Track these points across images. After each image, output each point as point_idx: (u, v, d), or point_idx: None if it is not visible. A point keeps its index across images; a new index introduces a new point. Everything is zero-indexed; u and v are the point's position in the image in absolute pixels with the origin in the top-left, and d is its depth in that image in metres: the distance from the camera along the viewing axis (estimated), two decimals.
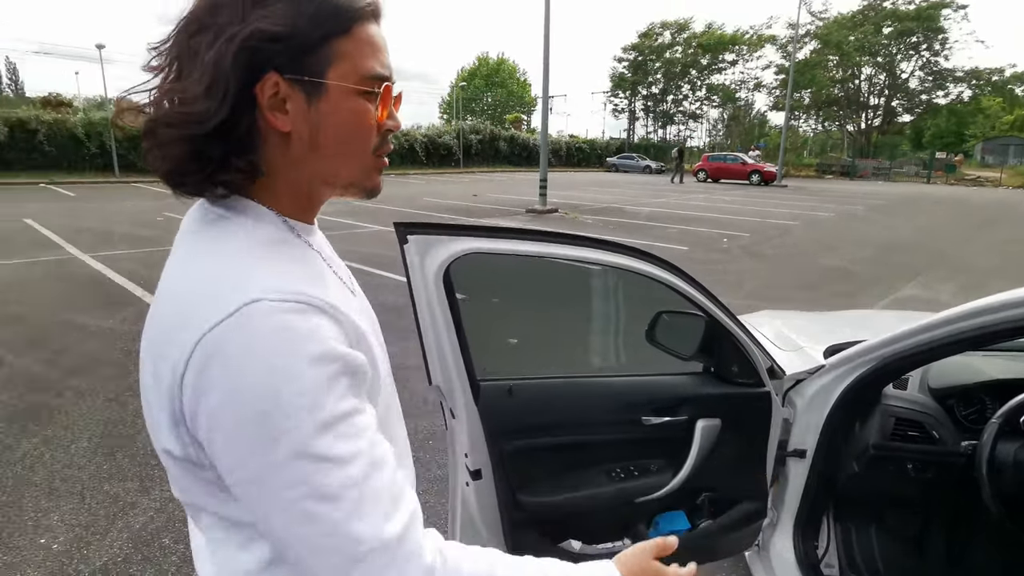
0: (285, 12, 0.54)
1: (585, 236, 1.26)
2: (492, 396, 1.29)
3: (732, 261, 7.87)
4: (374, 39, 0.60)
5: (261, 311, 0.51)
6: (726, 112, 52.43)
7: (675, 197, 18.19)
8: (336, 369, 0.52)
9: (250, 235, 0.58)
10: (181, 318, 0.52)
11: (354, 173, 0.63)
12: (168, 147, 0.55)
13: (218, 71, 0.53)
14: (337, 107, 0.58)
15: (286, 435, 0.49)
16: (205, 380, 0.50)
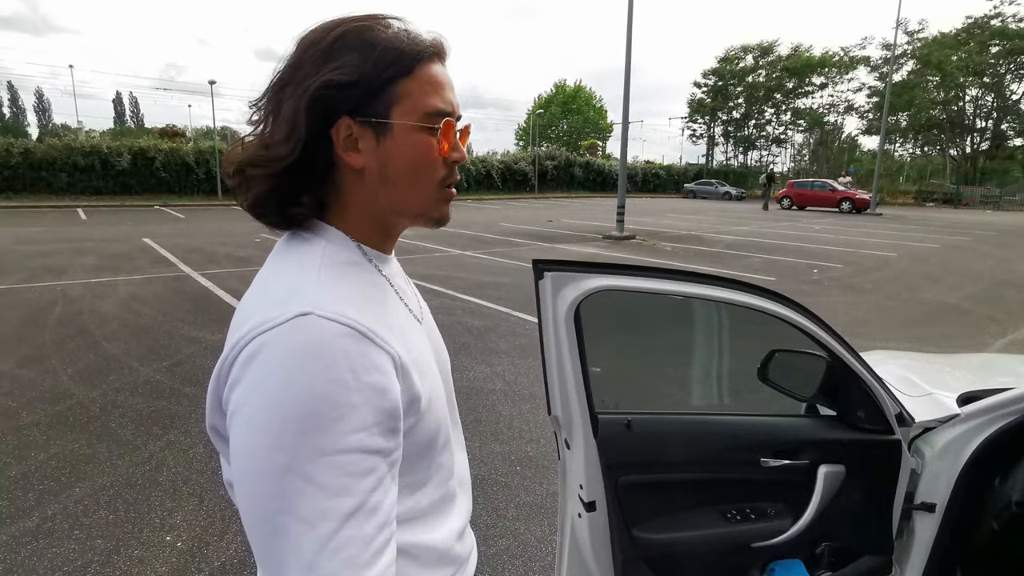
0: (351, 62, 0.60)
1: (713, 274, 1.26)
2: (610, 429, 1.30)
3: (823, 294, 7.48)
4: (436, 78, 0.65)
5: (308, 325, 0.54)
6: (813, 136, 50.23)
7: (758, 225, 17.54)
8: (360, 399, 0.53)
9: (323, 255, 0.64)
10: (246, 318, 0.58)
11: (422, 203, 0.67)
12: (252, 183, 0.63)
13: (295, 119, 0.60)
14: (402, 143, 0.64)
15: (286, 448, 0.51)
16: (243, 371, 0.54)
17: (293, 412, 0.51)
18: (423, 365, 0.65)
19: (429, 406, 0.65)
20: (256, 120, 0.65)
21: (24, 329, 5.11)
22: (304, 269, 0.62)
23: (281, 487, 0.51)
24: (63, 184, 20.55)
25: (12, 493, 2.63)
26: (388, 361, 0.57)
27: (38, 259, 8.64)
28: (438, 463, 0.70)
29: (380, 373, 0.56)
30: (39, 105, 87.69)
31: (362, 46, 0.61)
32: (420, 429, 0.64)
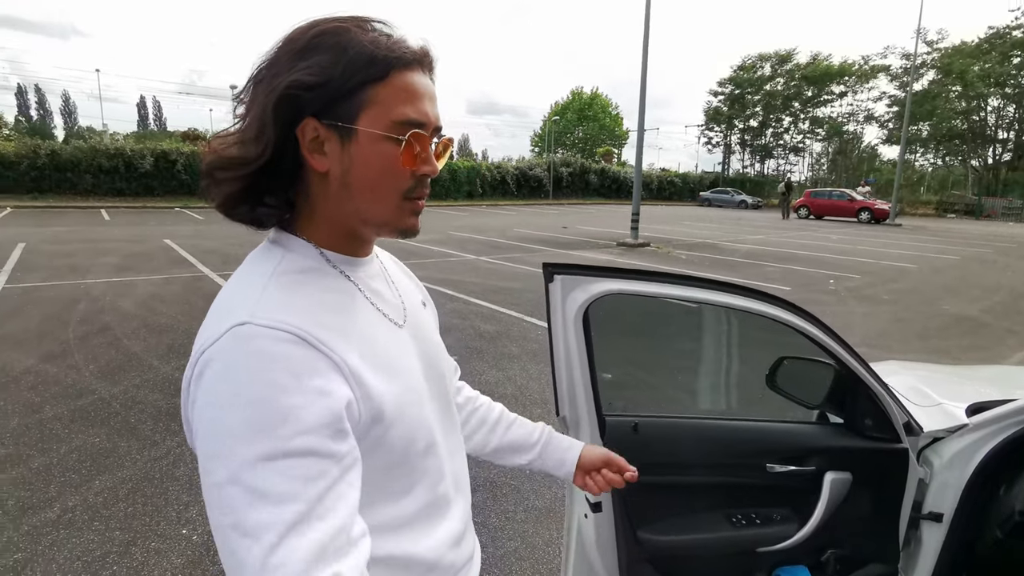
0: (321, 63, 0.59)
1: (722, 281, 1.28)
2: (618, 431, 1.32)
3: (839, 304, 7.41)
4: (412, 86, 0.62)
5: (244, 334, 0.54)
6: (831, 146, 49.78)
7: (774, 234, 17.41)
8: (301, 401, 0.52)
9: (278, 264, 0.63)
10: (198, 336, 0.59)
11: (384, 213, 0.65)
12: (222, 184, 0.63)
13: (263, 118, 0.60)
14: (367, 150, 0.62)
15: (228, 458, 0.50)
16: (196, 391, 0.55)
17: (234, 421, 0.51)
18: (391, 370, 0.64)
19: (401, 412, 0.64)
20: (241, 114, 0.64)
21: (48, 326, 5.24)
22: (253, 280, 0.61)
23: (227, 500, 0.50)
24: (88, 185, 20.98)
25: (34, 484, 2.71)
26: (331, 367, 0.56)
27: (62, 258, 8.84)
28: (422, 468, 0.68)
29: (322, 377, 0.55)
30: (65, 108, 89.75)
31: (336, 48, 0.60)
32: (393, 436, 0.63)
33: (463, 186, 29.29)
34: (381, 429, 0.61)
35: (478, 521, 2.55)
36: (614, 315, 1.47)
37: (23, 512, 2.49)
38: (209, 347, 0.55)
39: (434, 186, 17.52)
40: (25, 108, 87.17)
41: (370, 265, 0.73)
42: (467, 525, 0.80)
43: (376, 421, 0.61)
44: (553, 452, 1.00)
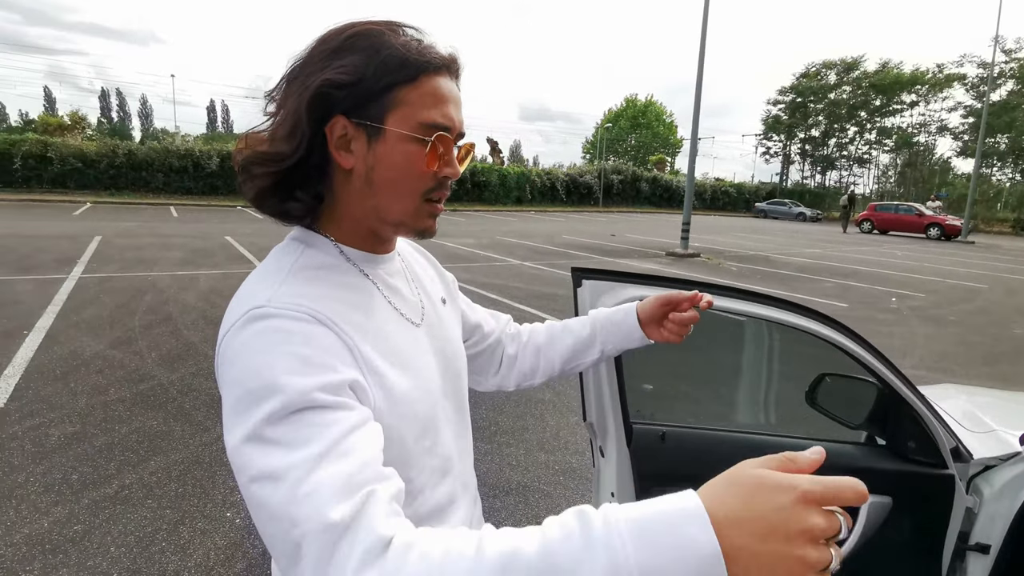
0: (355, 63, 0.61)
1: (754, 291, 1.26)
2: (645, 439, 1.31)
3: (901, 324, 7.05)
4: (440, 91, 0.64)
5: (261, 314, 0.57)
6: (900, 157, 47.45)
7: (833, 248, 16.73)
8: (318, 365, 0.54)
9: (297, 258, 0.65)
10: (223, 320, 0.61)
11: (402, 213, 0.67)
12: (255, 179, 0.65)
13: (297, 116, 0.61)
14: (391, 150, 0.63)
15: (246, 420, 0.52)
16: (220, 371, 0.58)
17: (251, 384, 0.53)
18: (404, 366, 0.66)
19: (411, 408, 0.65)
20: (271, 112, 0.66)
21: (118, 314, 5.58)
22: (273, 274, 0.64)
23: (246, 458, 0.51)
24: (159, 184, 22.24)
25: (96, 461, 2.89)
26: (344, 348, 0.58)
27: (133, 251, 9.40)
28: (429, 467, 0.69)
29: (335, 356, 0.57)
30: (143, 111, 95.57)
31: (369, 49, 0.62)
32: (401, 430, 0.64)
33: (512, 191, 29.45)
34: (395, 419, 0.62)
35: (508, 525, 2.55)
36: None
37: (85, 487, 2.67)
38: (228, 330, 0.58)
39: (483, 191, 17.77)
40: (107, 110, 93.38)
41: (390, 263, 0.74)
42: (472, 526, 0.79)
43: (391, 408, 0.62)
44: (615, 332, 0.97)
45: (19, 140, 20.80)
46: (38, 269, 7.48)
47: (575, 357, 0.99)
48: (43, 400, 3.56)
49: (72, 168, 20.87)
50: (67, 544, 2.27)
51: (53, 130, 23.74)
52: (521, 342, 1.01)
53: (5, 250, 8.76)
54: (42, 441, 3.05)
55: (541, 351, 0.99)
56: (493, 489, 2.82)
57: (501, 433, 3.44)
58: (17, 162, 20.08)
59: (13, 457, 2.88)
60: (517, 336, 1.02)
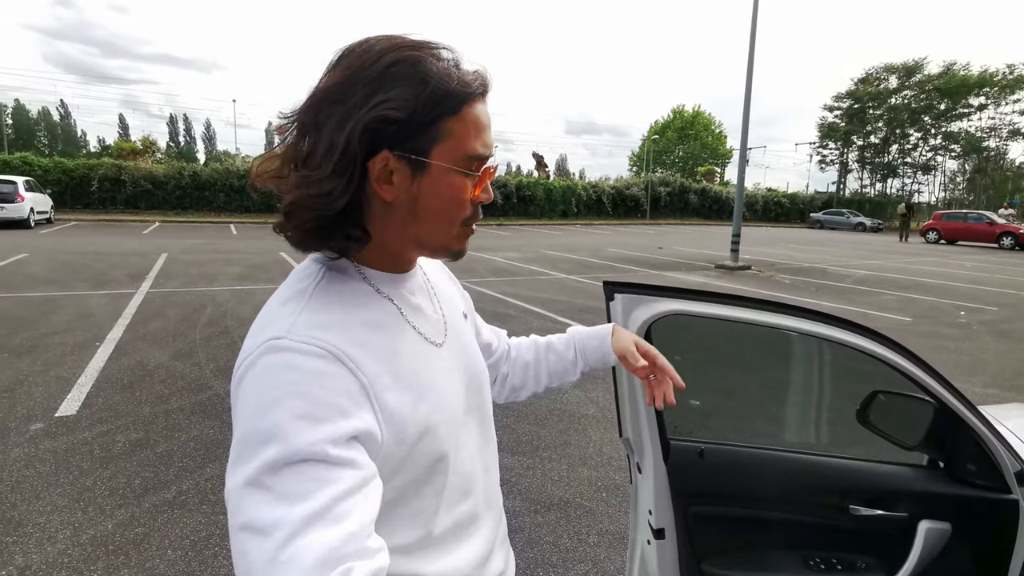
0: (404, 96, 0.58)
1: (793, 305, 1.22)
2: (682, 456, 1.28)
3: (970, 339, 6.64)
4: (480, 120, 0.64)
5: (279, 346, 0.56)
6: (968, 163, 44.93)
7: (895, 259, 15.94)
8: (326, 413, 0.53)
9: (317, 281, 0.64)
10: (243, 346, 0.60)
11: (444, 240, 0.67)
12: (302, 224, 0.62)
13: (345, 153, 0.58)
14: (437, 182, 0.62)
15: (248, 461, 0.51)
16: (233, 398, 0.57)
17: (257, 428, 0.52)
18: (423, 390, 0.64)
19: (428, 433, 0.64)
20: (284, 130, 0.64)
21: (180, 327, 5.88)
22: (291, 300, 0.62)
23: (241, 502, 0.50)
24: (221, 203, 23.40)
25: (157, 467, 3.04)
26: (358, 388, 0.57)
27: (196, 267, 9.89)
28: (451, 486, 0.68)
29: (347, 397, 0.56)
30: (206, 134, 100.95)
31: (414, 80, 0.59)
32: (418, 455, 0.63)
33: (558, 205, 29.47)
34: (405, 449, 0.61)
35: (549, 540, 2.53)
36: (703, 340, 1.43)
37: (146, 491, 2.81)
38: (246, 359, 0.58)
39: (529, 205, 17.89)
40: (175, 135, 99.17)
41: (411, 280, 0.72)
42: (496, 543, 0.78)
43: (399, 443, 0.61)
44: (592, 355, 0.99)
45: (96, 164, 22.38)
46: (111, 284, 7.98)
47: (559, 376, 1.01)
48: (111, 408, 3.78)
49: (143, 190, 22.27)
50: (128, 546, 2.39)
51: (127, 155, 25.36)
52: (511, 358, 1.02)
53: (84, 267, 9.39)
54: (109, 447, 3.24)
55: (529, 369, 1.01)
56: (535, 504, 2.81)
57: (544, 447, 3.42)
58: (94, 184, 21.59)
59: (83, 461, 3.06)
60: (507, 352, 1.03)
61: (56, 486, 2.81)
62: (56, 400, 3.87)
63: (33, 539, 2.41)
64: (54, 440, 3.29)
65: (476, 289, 8.47)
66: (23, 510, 2.61)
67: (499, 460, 0.84)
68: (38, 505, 2.65)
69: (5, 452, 3.13)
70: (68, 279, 8.27)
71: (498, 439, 2.90)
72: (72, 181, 21.59)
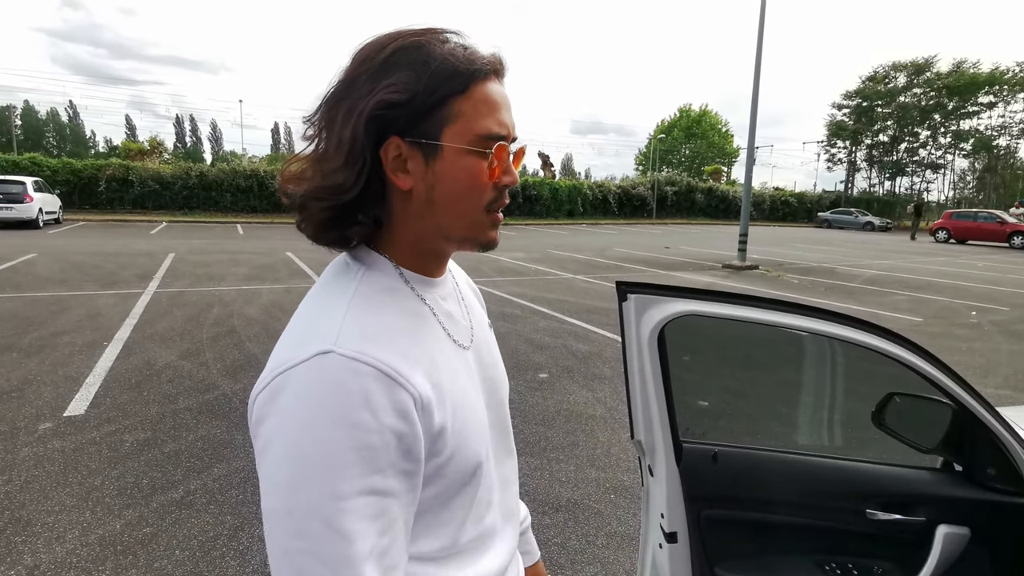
0: (406, 80, 0.58)
1: (808, 305, 1.19)
2: (695, 459, 1.26)
3: (981, 339, 6.57)
4: (491, 97, 0.62)
5: (328, 364, 0.54)
6: (978, 162, 44.56)
7: (905, 259, 15.83)
8: (379, 441, 0.53)
9: (359, 284, 0.62)
10: (276, 352, 0.59)
11: (468, 228, 0.65)
12: (315, 215, 0.62)
13: (353, 144, 0.58)
14: (451, 165, 0.61)
15: (307, 489, 0.51)
16: (267, 409, 0.55)
17: (313, 453, 0.52)
18: (458, 398, 0.63)
19: (462, 443, 0.63)
20: (311, 136, 0.63)
21: (187, 327, 5.89)
22: (334, 301, 0.61)
23: (303, 528, 0.51)
24: (227, 203, 23.48)
25: (165, 467, 3.05)
26: (410, 401, 0.56)
27: (203, 267, 9.93)
28: (474, 499, 0.67)
29: (400, 416, 0.55)
30: (213, 135, 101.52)
31: (415, 63, 0.59)
32: (451, 467, 0.62)
33: (564, 205, 29.42)
34: (442, 461, 0.60)
35: (557, 542, 2.52)
36: (714, 341, 1.41)
37: (154, 491, 2.81)
38: (290, 368, 0.55)
39: (535, 205, 17.85)
40: (182, 135, 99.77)
41: (444, 285, 0.71)
42: (512, 556, 0.77)
43: (436, 454, 0.60)
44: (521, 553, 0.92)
45: (104, 165, 22.54)
46: (119, 284, 8.02)
47: None
48: (119, 408, 3.79)
49: (150, 190, 22.38)
50: (136, 546, 2.39)
51: (134, 155, 25.52)
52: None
53: (92, 267, 9.44)
54: (117, 447, 3.24)
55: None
56: (543, 506, 2.79)
57: (551, 448, 3.40)
58: (102, 185, 21.73)
59: (92, 461, 3.07)
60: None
61: (64, 486, 2.82)
62: (65, 400, 3.88)
63: (42, 539, 2.41)
64: (63, 440, 3.30)
65: (483, 289, 8.37)
66: (32, 510, 2.61)
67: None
68: (47, 505, 2.66)
69: (14, 452, 3.14)
70: (76, 279, 8.31)
71: None
72: (80, 181, 21.74)
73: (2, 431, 3.38)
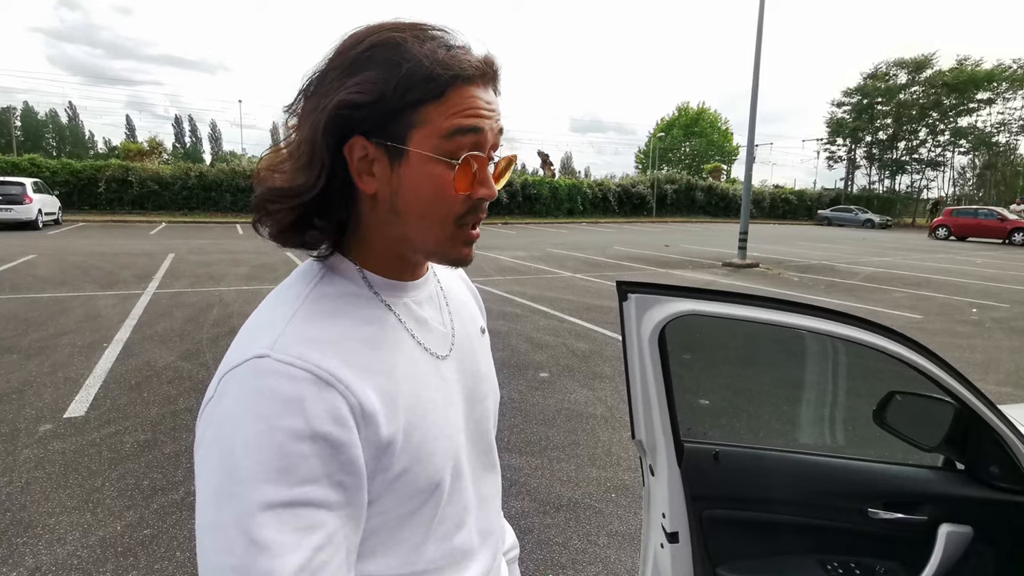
0: (373, 79, 0.54)
1: (808, 304, 1.19)
2: (696, 458, 1.26)
3: (981, 336, 6.57)
4: (469, 104, 0.57)
5: (261, 368, 0.52)
6: (978, 159, 44.53)
7: (904, 256, 15.82)
8: (310, 449, 0.50)
9: (313, 288, 0.60)
10: (228, 352, 0.57)
11: (435, 241, 0.61)
12: (274, 216, 0.59)
13: (314, 143, 0.55)
14: (417, 173, 0.57)
15: (235, 500, 0.48)
16: (209, 414, 0.53)
17: (241, 461, 0.49)
18: (417, 411, 0.60)
19: (419, 459, 0.59)
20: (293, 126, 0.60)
21: (187, 327, 5.89)
22: (283, 307, 0.58)
23: (230, 542, 0.48)
24: (227, 203, 23.47)
25: (165, 468, 3.04)
26: (347, 409, 0.53)
27: (203, 267, 9.92)
28: (440, 516, 0.63)
29: (336, 423, 0.51)
30: (212, 135, 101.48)
31: (388, 62, 0.55)
32: (405, 484, 0.58)
33: (564, 203, 29.42)
34: (390, 477, 0.57)
35: (559, 541, 2.51)
36: (715, 340, 1.41)
37: (154, 492, 2.81)
38: (228, 372, 0.54)
39: (534, 204, 17.85)
40: (181, 136, 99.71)
41: (419, 289, 0.67)
42: None
43: (383, 469, 0.56)
44: None
45: (104, 165, 22.52)
46: (119, 285, 8.01)
47: None
48: (119, 409, 3.78)
49: (150, 190, 22.38)
50: (137, 547, 2.39)
51: (133, 155, 25.51)
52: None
53: (92, 267, 9.43)
54: (117, 448, 3.24)
55: None
56: (543, 505, 2.79)
57: (552, 448, 3.40)
58: (101, 186, 21.72)
59: (92, 463, 3.06)
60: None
61: (65, 487, 2.82)
62: (64, 401, 3.88)
63: (43, 540, 2.41)
64: (63, 441, 3.30)
65: (483, 288, 8.45)
66: (33, 511, 2.61)
67: (508, 463, 0.80)
68: (47, 506, 2.65)
69: (15, 453, 3.14)
70: (76, 280, 8.31)
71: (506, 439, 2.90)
72: (80, 182, 21.73)
73: (3, 433, 3.38)
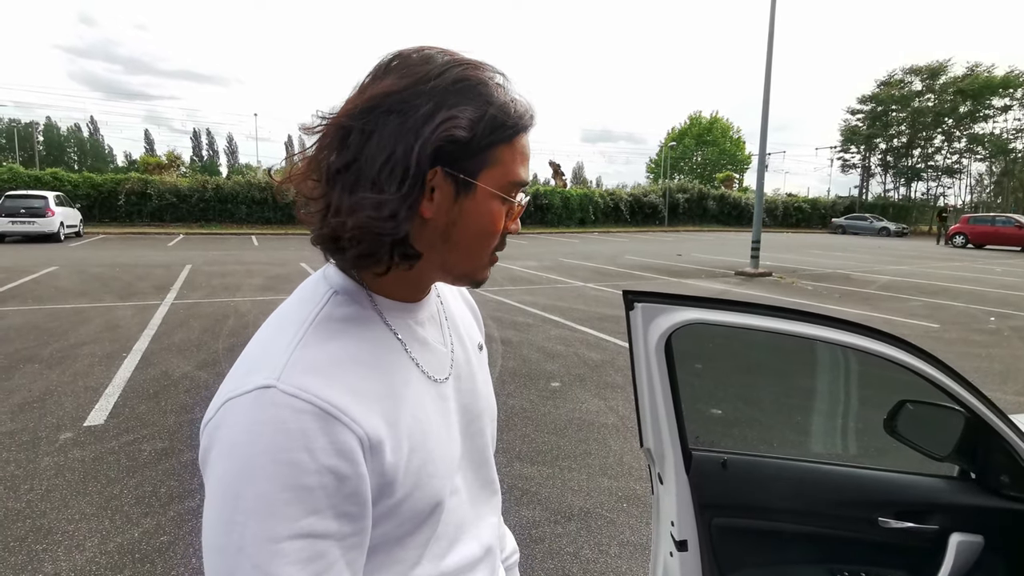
0: (470, 117, 0.57)
1: (817, 313, 1.20)
2: (705, 467, 1.27)
3: (1000, 345, 6.46)
4: (526, 151, 0.63)
5: (268, 400, 0.52)
6: (995, 166, 43.94)
7: (921, 265, 15.63)
8: (315, 482, 0.51)
9: (320, 308, 0.61)
10: (227, 378, 0.57)
11: (471, 267, 0.65)
12: (362, 245, 0.58)
13: (414, 173, 0.55)
14: (478, 207, 0.60)
15: (239, 529, 0.49)
16: (211, 441, 0.54)
17: (247, 493, 0.50)
18: (418, 435, 0.61)
19: (420, 482, 0.60)
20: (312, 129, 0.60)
21: (204, 337, 5.98)
22: (290, 328, 0.59)
23: (234, 569, 0.50)
24: (243, 215, 23.81)
25: (182, 476, 3.09)
26: (354, 441, 0.54)
27: (219, 278, 10.06)
28: (436, 536, 0.65)
29: (341, 457, 0.52)
30: (229, 148, 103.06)
31: (479, 101, 0.58)
32: (407, 507, 0.60)
33: (575, 213, 29.45)
34: (393, 502, 0.58)
35: (570, 551, 2.51)
36: (727, 349, 1.42)
37: (172, 500, 2.85)
38: (232, 399, 0.54)
39: (546, 214, 18.00)
40: (198, 149, 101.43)
41: (422, 309, 0.69)
42: None
43: (388, 495, 0.58)
44: None
45: (123, 179, 22.98)
46: (137, 296, 8.15)
47: None
48: (137, 417, 3.85)
49: (168, 203, 22.79)
50: (154, 554, 2.43)
51: (152, 169, 25.98)
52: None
53: (112, 279, 9.61)
54: (136, 456, 3.30)
55: None
56: (555, 515, 2.79)
57: (563, 457, 3.40)
58: (121, 199, 22.15)
59: (111, 470, 3.12)
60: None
61: (84, 495, 2.87)
62: (85, 410, 3.95)
63: (62, 547, 2.46)
64: (83, 449, 3.36)
65: (495, 298, 8.49)
66: (52, 518, 2.66)
67: (519, 472, 0.82)
68: (67, 513, 2.71)
69: (36, 461, 3.20)
70: (96, 291, 8.47)
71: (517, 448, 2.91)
72: (100, 195, 22.18)
73: (24, 441, 3.46)
